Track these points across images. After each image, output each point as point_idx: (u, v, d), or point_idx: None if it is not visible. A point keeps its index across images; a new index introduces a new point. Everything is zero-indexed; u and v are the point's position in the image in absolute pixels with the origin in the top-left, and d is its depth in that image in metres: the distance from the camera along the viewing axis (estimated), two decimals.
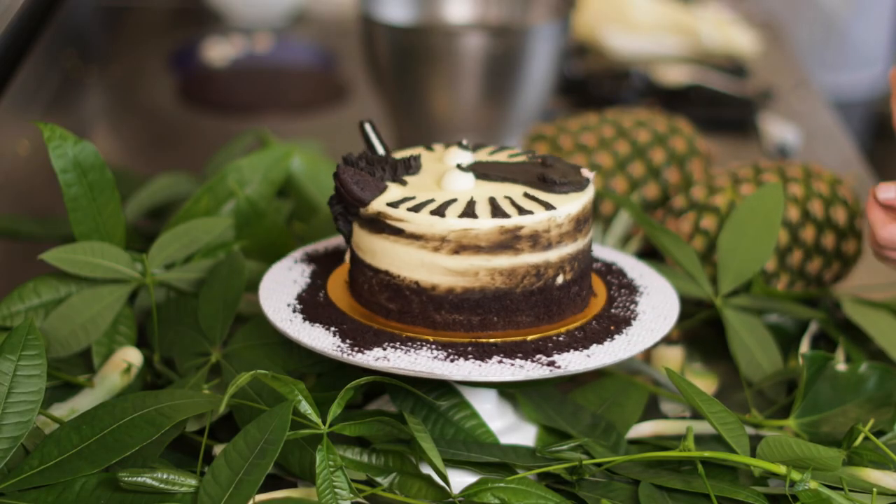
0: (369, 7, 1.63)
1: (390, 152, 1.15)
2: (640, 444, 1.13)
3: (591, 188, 1.11)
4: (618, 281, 1.17)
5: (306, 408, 1.01)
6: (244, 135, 1.54)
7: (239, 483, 0.97)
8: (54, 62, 1.88)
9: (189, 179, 1.46)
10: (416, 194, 1.08)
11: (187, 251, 1.21)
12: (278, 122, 1.92)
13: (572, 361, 1.05)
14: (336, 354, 1.04)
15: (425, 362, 1.04)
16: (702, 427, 1.13)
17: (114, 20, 2.28)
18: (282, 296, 1.12)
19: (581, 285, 1.12)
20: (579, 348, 1.07)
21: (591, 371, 1.06)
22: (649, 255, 1.39)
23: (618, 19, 2.08)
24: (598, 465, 1.07)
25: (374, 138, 1.14)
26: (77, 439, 1.01)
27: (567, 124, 1.51)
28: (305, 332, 1.07)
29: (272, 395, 1.09)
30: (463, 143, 1.16)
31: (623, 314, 1.12)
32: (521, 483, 1.03)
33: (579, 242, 1.10)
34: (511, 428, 1.13)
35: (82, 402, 1.14)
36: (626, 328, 1.10)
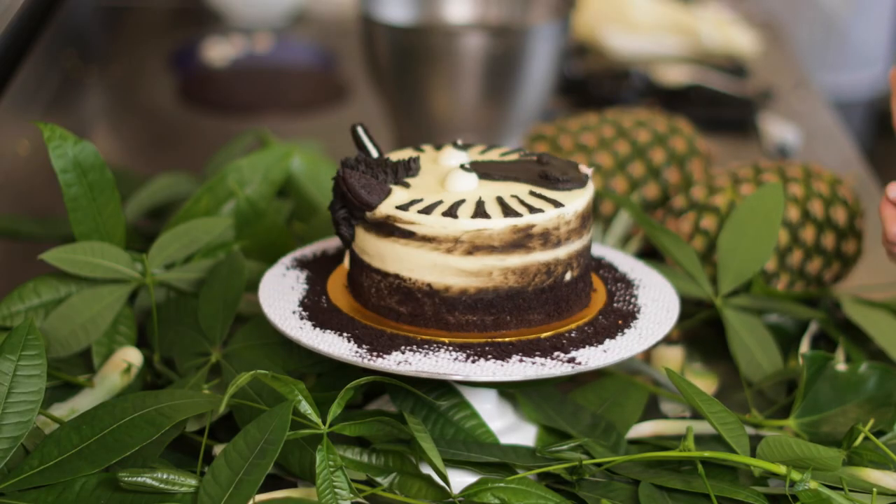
0: (369, 7, 1.63)
1: (383, 155, 1.14)
2: (640, 444, 1.13)
3: (591, 184, 1.12)
4: (611, 275, 1.18)
5: (306, 408, 1.01)
6: (244, 135, 1.54)
7: (239, 483, 0.97)
8: (54, 62, 1.88)
9: (189, 179, 1.46)
10: (423, 196, 1.08)
11: (187, 251, 1.21)
12: (278, 122, 1.92)
13: (591, 357, 1.06)
14: (357, 360, 1.03)
15: (447, 364, 1.03)
16: (702, 427, 1.13)
17: (114, 20, 2.28)
18: (284, 303, 1.11)
19: (585, 281, 1.12)
20: (594, 344, 1.07)
21: (591, 370, 1.06)
22: (649, 255, 1.40)
23: (618, 19, 2.08)
24: (598, 465, 1.07)
25: (367, 141, 1.13)
26: (77, 439, 1.01)
27: (567, 124, 1.51)
28: (319, 339, 1.06)
29: (272, 395, 1.09)
30: (458, 143, 1.16)
31: (626, 308, 1.13)
32: (521, 483, 1.03)
33: (584, 238, 1.10)
34: (511, 428, 1.13)
35: (82, 402, 1.14)
36: (632, 321, 1.11)
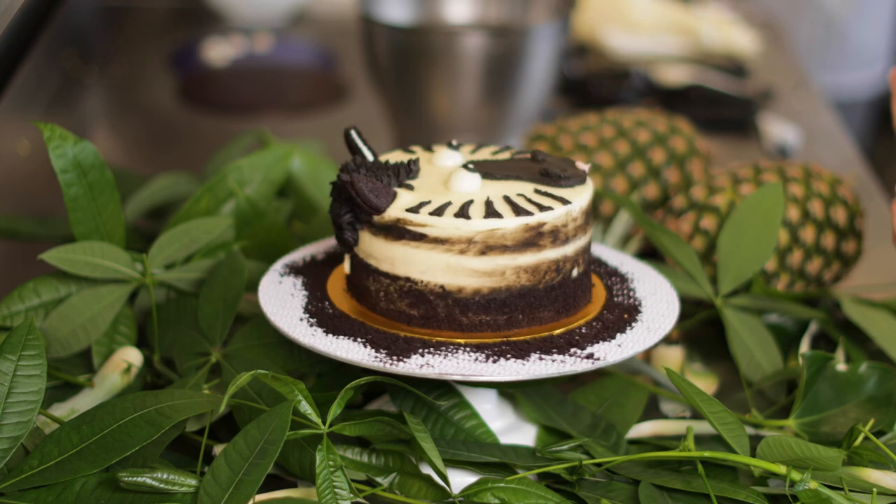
0: (369, 7, 1.63)
1: (378, 158, 1.13)
2: (640, 444, 1.13)
3: (589, 180, 1.12)
4: (604, 270, 1.18)
5: (306, 408, 1.01)
6: (244, 135, 1.54)
7: (239, 483, 0.97)
8: (54, 62, 1.88)
9: (189, 179, 1.46)
10: (430, 198, 1.07)
11: (187, 251, 1.21)
12: (278, 122, 1.92)
13: (608, 352, 1.06)
14: (378, 366, 1.03)
15: (469, 366, 1.03)
16: (702, 427, 1.13)
17: (114, 20, 2.28)
18: (288, 310, 1.10)
19: (588, 277, 1.13)
20: (607, 339, 1.08)
21: (591, 370, 1.06)
22: (649, 255, 1.40)
23: (618, 19, 2.08)
24: (598, 465, 1.07)
25: (361, 145, 1.12)
26: (77, 439, 1.01)
27: (567, 124, 1.51)
28: (335, 346, 1.05)
29: (272, 395, 1.09)
30: (453, 143, 1.16)
31: (627, 302, 1.14)
32: (521, 483, 1.03)
33: (588, 234, 1.11)
34: (511, 428, 1.13)
35: (82, 402, 1.14)
36: (637, 315, 1.11)
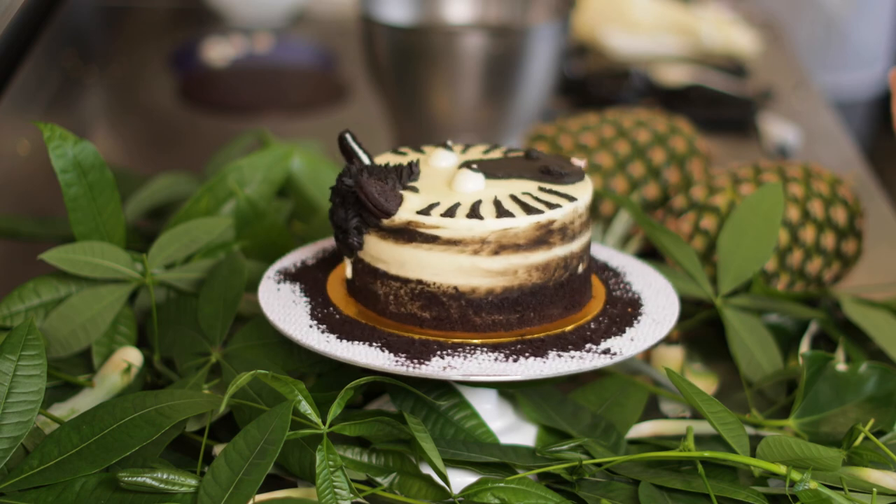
0: (369, 7, 1.63)
1: (373, 161, 1.13)
2: (640, 444, 1.13)
3: (587, 176, 1.13)
4: (595, 265, 1.19)
5: (306, 408, 1.01)
6: (244, 135, 1.54)
7: (239, 483, 0.97)
8: (54, 62, 1.88)
9: (189, 179, 1.46)
10: (438, 199, 1.07)
11: (187, 251, 1.21)
12: (278, 122, 1.92)
13: (623, 346, 1.06)
14: (400, 370, 1.02)
15: (491, 366, 1.03)
16: (702, 427, 1.13)
17: (114, 20, 2.28)
18: (296, 318, 1.09)
19: (590, 272, 1.14)
20: (617, 333, 1.08)
21: (586, 372, 1.06)
22: (649, 255, 1.40)
23: (618, 19, 2.08)
24: (598, 465, 1.07)
25: (357, 148, 1.11)
26: (77, 439, 1.01)
27: (567, 124, 1.51)
28: (353, 352, 1.04)
29: (272, 395, 1.09)
30: (448, 143, 1.16)
31: (627, 296, 1.14)
32: (521, 483, 1.03)
33: (590, 230, 1.12)
34: (511, 428, 1.13)
35: (82, 402, 1.14)
36: (640, 308, 1.12)
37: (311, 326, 1.08)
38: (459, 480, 1.06)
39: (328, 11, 2.29)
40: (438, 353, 1.04)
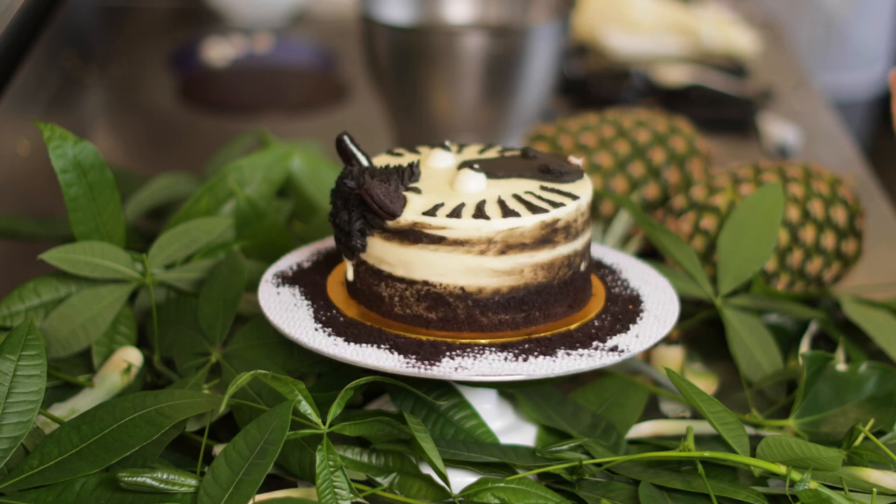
0: (369, 7, 1.63)
1: (371, 163, 1.12)
2: (640, 444, 1.13)
3: (586, 174, 1.13)
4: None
5: (306, 408, 1.01)
6: (244, 135, 1.54)
7: (239, 483, 0.97)
8: (54, 62, 1.88)
9: (189, 179, 1.46)
10: (442, 200, 1.07)
11: (187, 251, 1.21)
12: (278, 122, 1.92)
13: (629, 343, 1.07)
14: (412, 371, 1.02)
15: (502, 365, 1.03)
16: (702, 427, 1.13)
17: (114, 20, 2.28)
18: (300, 321, 1.09)
19: (590, 270, 1.14)
20: (622, 330, 1.09)
21: (590, 370, 1.06)
22: (649, 255, 1.40)
23: (618, 19, 2.08)
24: (598, 465, 1.07)
25: (356, 150, 1.10)
26: (77, 439, 1.01)
27: (567, 124, 1.51)
28: (362, 354, 1.04)
29: (272, 395, 1.09)
30: (446, 144, 1.16)
31: (627, 293, 1.15)
32: (521, 483, 1.03)
33: (591, 228, 1.12)
34: (511, 428, 1.13)
35: (82, 402, 1.14)
36: (641, 305, 1.12)
37: (316, 330, 1.07)
38: (459, 480, 1.06)
39: (328, 11, 2.29)
40: (448, 353, 1.04)
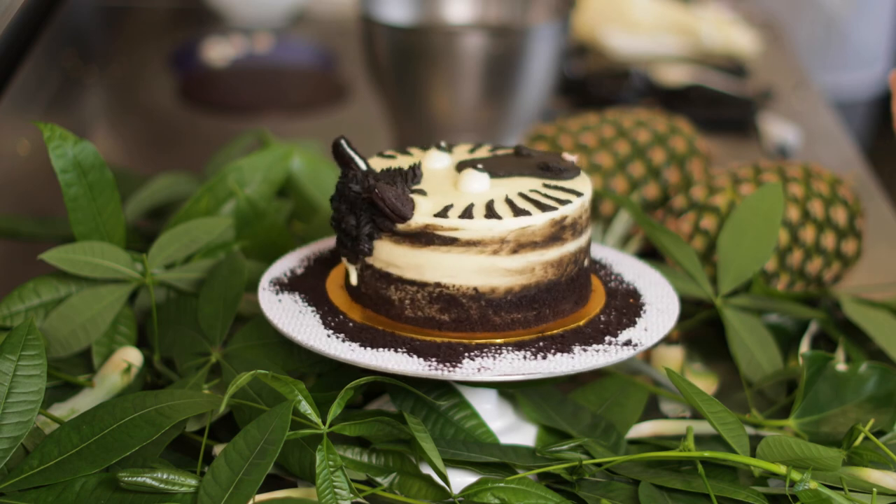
0: (369, 7, 1.63)
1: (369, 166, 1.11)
2: (640, 444, 1.13)
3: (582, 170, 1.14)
4: None
5: (306, 408, 1.01)
6: (244, 135, 1.54)
7: (239, 483, 0.97)
8: (54, 62, 1.88)
9: (189, 179, 1.46)
10: (450, 201, 1.07)
11: (187, 251, 1.21)
12: (278, 122, 1.92)
13: (641, 337, 1.08)
14: (435, 374, 1.02)
15: (522, 364, 1.04)
16: (702, 427, 1.13)
17: (114, 20, 2.28)
18: (311, 328, 1.08)
19: (591, 266, 1.15)
20: (630, 324, 1.10)
21: (591, 370, 1.06)
22: (649, 255, 1.40)
23: (618, 19, 2.08)
24: (598, 465, 1.07)
25: (354, 154, 1.10)
26: (77, 439, 1.01)
27: (567, 124, 1.51)
28: (381, 359, 1.04)
29: (272, 395, 1.09)
30: (442, 145, 1.16)
31: (623, 287, 1.15)
32: (521, 483, 1.03)
33: (591, 224, 1.12)
34: (511, 428, 1.13)
35: (82, 402, 1.14)
36: (641, 299, 1.13)
37: (329, 336, 1.07)
38: (459, 480, 1.06)
39: (328, 11, 2.29)
40: (466, 355, 1.05)
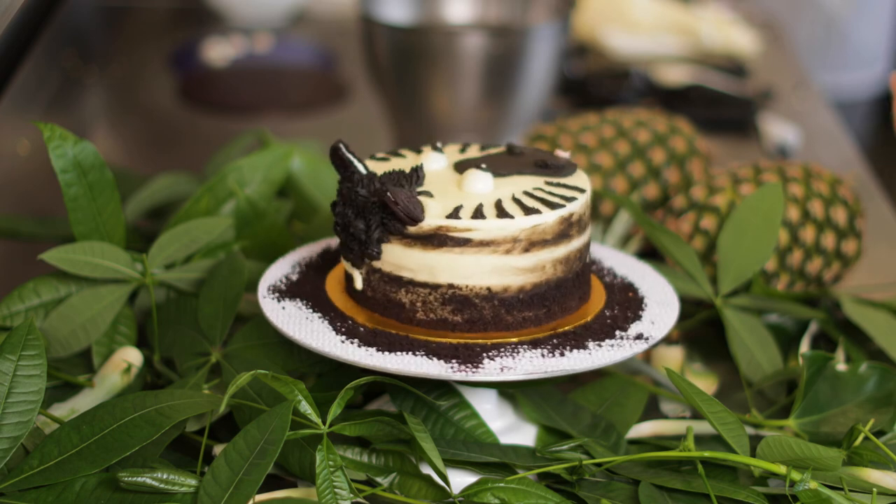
0: (369, 7, 1.63)
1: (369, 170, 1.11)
2: (640, 444, 1.13)
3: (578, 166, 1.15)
4: None
5: (306, 408, 1.01)
6: (244, 135, 1.54)
7: (239, 483, 0.97)
8: (54, 62, 1.88)
9: (189, 179, 1.46)
10: (458, 202, 1.07)
11: (187, 251, 1.21)
12: (278, 122, 1.92)
13: (650, 330, 1.08)
14: (459, 376, 1.02)
15: (543, 362, 1.04)
16: (702, 427, 1.13)
17: (114, 20, 2.28)
18: (320, 334, 1.07)
19: (591, 262, 1.15)
20: (635, 319, 1.10)
21: (591, 370, 1.06)
22: (649, 255, 1.40)
23: (618, 19, 2.08)
24: (598, 465, 1.07)
25: (353, 158, 1.09)
26: (77, 439, 1.01)
27: (567, 124, 1.51)
28: (402, 362, 1.03)
29: (272, 395, 1.09)
30: (437, 145, 1.16)
31: (618, 281, 1.16)
32: (521, 483, 1.03)
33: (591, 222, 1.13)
34: (511, 428, 1.13)
35: (82, 402, 1.14)
36: (640, 293, 1.14)
37: (343, 342, 1.06)
38: (459, 480, 1.06)
39: (328, 11, 2.29)
40: (485, 355, 1.05)
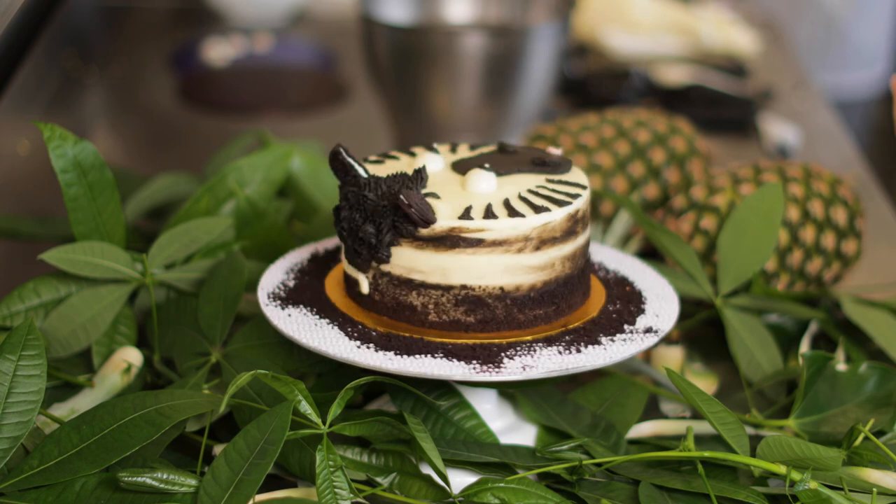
0: (369, 7, 1.63)
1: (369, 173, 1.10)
2: (640, 444, 1.13)
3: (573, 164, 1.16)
4: None
5: (306, 408, 1.01)
6: (244, 135, 1.54)
7: (239, 483, 0.97)
8: (54, 62, 1.88)
9: (189, 179, 1.46)
10: (467, 203, 1.07)
11: (187, 251, 1.21)
12: (278, 122, 1.92)
13: (657, 323, 1.09)
14: (482, 377, 1.02)
15: (561, 359, 1.04)
16: (702, 427, 1.13)
17: (114, 20, 2.28)
18: (332, 340, 1.06)
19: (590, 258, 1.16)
20: (640, 312, 1.11)
21: (591, 370, 1.06)
22: (649, 255, 1.40)
23: (618, 19, 2.08)
24: (598, 465, 1.08)
25: (353, 162, 1.09)
26: (77, 439, 1.01)
27: (567, 124, 1.51)
28: (422, 364, 1.03)
29: (272, 395, 1.09)
30: (434, 146, 1.16)
31: (612, 276, 1.16)
32: (521, 483, 1.03)
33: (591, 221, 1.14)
34: (511, 428, 1.13)
35: (82, 402, 1.14)
36: (638, 287, 1.15)
37: (359, 347, 1.05)
38: (459, 480, 1.06)
39: (328, 11, 2.29)
40: (503, 355, 1.05)
